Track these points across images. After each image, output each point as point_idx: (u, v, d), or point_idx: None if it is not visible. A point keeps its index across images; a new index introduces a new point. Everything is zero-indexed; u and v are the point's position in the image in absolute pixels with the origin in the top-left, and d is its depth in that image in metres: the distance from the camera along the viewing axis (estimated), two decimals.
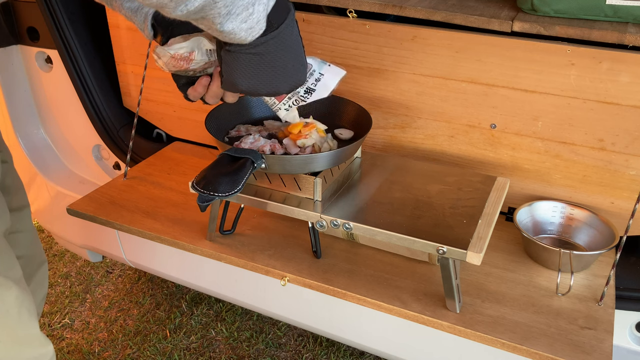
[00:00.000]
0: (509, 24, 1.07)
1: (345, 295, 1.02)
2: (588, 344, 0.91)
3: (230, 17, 0.64)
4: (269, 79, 0.76)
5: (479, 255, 0.88)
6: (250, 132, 1.10)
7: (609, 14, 1.04)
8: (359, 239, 1.14)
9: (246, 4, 0.64)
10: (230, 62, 0.74)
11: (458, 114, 1.19)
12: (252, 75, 0.75)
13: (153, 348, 1.87)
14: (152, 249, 1.55)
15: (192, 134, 1.55)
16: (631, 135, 1.05)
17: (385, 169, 1.14)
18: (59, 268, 2.29)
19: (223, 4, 0.61)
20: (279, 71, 0.76)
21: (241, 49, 0.72)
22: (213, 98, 0.88)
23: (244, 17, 0.65)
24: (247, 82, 0.76)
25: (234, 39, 0.68)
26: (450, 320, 0.96)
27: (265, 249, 1.12)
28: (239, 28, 0.66)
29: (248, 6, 0.64)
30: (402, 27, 1.17)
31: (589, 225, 1.13)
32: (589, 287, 1.03)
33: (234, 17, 0.64)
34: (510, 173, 1.20)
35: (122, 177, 1.37)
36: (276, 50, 0.73)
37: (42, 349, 0.99)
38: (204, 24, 0.66)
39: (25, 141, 1.77)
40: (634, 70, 1.01)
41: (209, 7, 0.61)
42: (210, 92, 0.87)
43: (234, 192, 0.90)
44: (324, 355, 1.83)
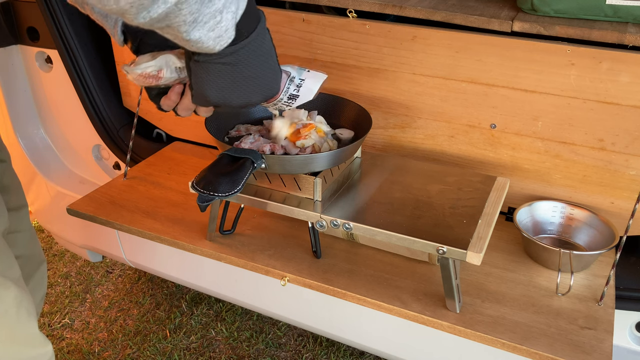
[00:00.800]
0: (509, 24, 1.07)
1: (345, 295, 1.02)
2: (588, 344, 0.91)
3: (196, 26, 0.61)
4: (241, 89, 0.74)
5: (479, 255, 0.88)
6: (250, 132, 1.10)
7: (609, 14, 1.04)
8: (359, 239, 1.14)
9: (213, 12, 0.61)
10: (200, 73, 0.72)
11: (458, 114, 1.19)
12: (223, 86, 0.73)
13: (153, 348, 1.87)
14: (152, 249, 1.55)
15: (192, 134, 1.55)
16: (631, 135, 1.05)
17: (385, 169, 1.14)
18: (59, 268, 2.29)
19: (188, 11, 0.58)
20: (250, 81, 0.74)
21: (210, 59, 0.69)
22: (185, 111, 0.86)
23: (211, 25, 0.62)
24: (218, 94, 0.74)
25: (201, 48, 0.66)
26: (450, 320, 0.96)
27: (265, 249, 1.12)
28: (206, 37, 0.63)
29: (215, 14, 0.61)
30: (402, 27, 1.17)
31: (589, 225, 1.13)
32: (589, 287, 1.03)
33: (201, 26, 0.61)
34: (510, 173, 1.20)
35: (122, 177, 1.37)
36: (247, 60, 0.71)
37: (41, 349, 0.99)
38: (169, 32, 0.62)
39: (25, 141, 1.77)
40: (634, 70, 1.01)
41: (173, 15, 0.58)
42: (182, 105, 0.85)
43: (234, 192, 0.90)
44: (324, 355, 1.83)
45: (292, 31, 1.28)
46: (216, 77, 0.72)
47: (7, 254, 0.95)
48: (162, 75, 0.81)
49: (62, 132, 1.76)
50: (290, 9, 1.33)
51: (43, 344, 0.99)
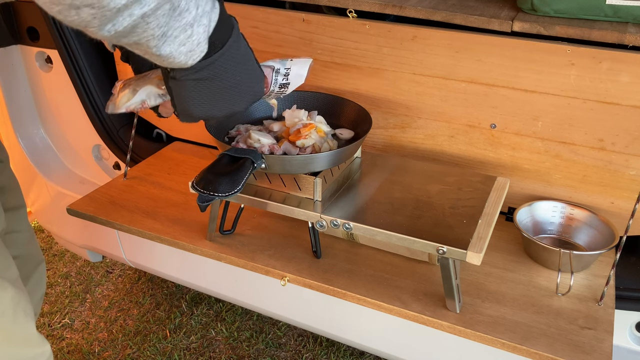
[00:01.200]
0: (509, 24, 1.07)
1: (345, 295, 1.02)
2: (588, 344, 0.91)
3: (167, 40, 0.59)
4: (223, 100, 0.72)
5: (479, 255, 0.88)
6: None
7: (609, 14, 1.04)
8: (359, 239, 1.14)
9: (184, 26, 0.59)
10: (179, 91, 0.70)
11: (458, 114, 1.19)
12: (205, 100, 0.71)
13: (153, 348, 1.87)
14: (152, 249, 1.55)
15: (192, 133, 1.55)
16: (631, 135, 1.05)
17: (385, 169, 1.14)
18: (59, 268, 2.29)
19: (156, 25, 0.56)
20: (231, 91, 0.72)
21: (186, 75, 0.68)
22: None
23: (182, 39, 0.60)
24: (201, 109, 0.72)
25: (173, 64, 0.64)
26: (450, 320, 0.96)
27: (265, 249, 1.12)
28: (177, 52, 0.61)
29: (186, 28, 0.59)
30: (402, 27, 1.17)
31: (589, 225, 1.13)
32: (589, 287, 1.03)
33: (171, 40, 0.59)
34: (510, 173, 1.20)
35: (122, 177, 1.37)
36: (225, 71, 0.69)
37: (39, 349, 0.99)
38: (139, 49, 0.60)
39: (25, 141, 1.77)
40: (634, 70, 1.01)
41: (140, 29, 0.55)
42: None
43: (234, 192, 0.90)
44: (324, 355, 1.83)
45: (292, 31, 1.28)
46: (196, 93, 0.70)
47: (4, 255, 0.95)
48: (146, 105, 0.82)
49: (62, 132, 1.76)
50: (290, 9, 1.33)
51: (41, 344, 0.99)
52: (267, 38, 1.31)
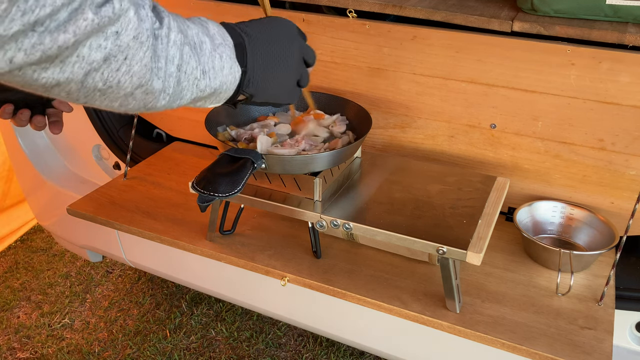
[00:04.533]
0: (509, 24, 1.07)
1: (345, 295, 1.02)
2: (588, 344, 0.91)
3: (211, 101, 0.67)
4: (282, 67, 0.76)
5: (479, 256, 0.88)
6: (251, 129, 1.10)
7: (609, 14, 1.04)
8: (359, 239, 1.14)
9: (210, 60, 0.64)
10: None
11: (458, 114, 1.19)
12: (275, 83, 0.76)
13: (153, 348, 1.87)
14: (152, 249, 1.55)
15: (192, 134, 1.55)
16: (631, 135, 1.05)
17: (385, 169, 1.14)
18: (59, 268, 2.29)
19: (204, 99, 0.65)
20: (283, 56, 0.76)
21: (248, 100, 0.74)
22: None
23: (213, 100, 0.68)
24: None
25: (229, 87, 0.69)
26: (450, 320, 0.96)
27: (265, 249, 1.12)
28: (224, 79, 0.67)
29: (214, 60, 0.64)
30: (402, 27, 1.16)
31: (589, 225, 1.13)
32: (589, 287, 1.03)
33: (213, 99, 0.67)
34: (510, 173, 1.20)
35: (122, 177, 1.37)
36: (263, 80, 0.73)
37: None
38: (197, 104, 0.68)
39: (25, 141, 1.77)
40: (634, 70, 1.01)
41: (197, 99, 0.64)
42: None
43: (234, 193, 0.90)
44: (324, 355, 1.83)
45: None
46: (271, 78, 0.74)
47: None
48: None
49: (62, 132, 1.76)
50: (290, 9, 1.33)
51: None
52: None
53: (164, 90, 0.58)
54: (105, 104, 0.55)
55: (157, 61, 0.55)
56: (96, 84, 0.51)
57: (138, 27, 0.52)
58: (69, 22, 0.45)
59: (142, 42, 0.53)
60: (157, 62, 0.55)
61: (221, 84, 0.66)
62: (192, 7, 1.36)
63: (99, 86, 0.51)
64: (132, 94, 0.55)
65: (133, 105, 0.57)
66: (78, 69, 0.49)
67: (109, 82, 0.52)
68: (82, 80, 0.50)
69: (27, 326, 2.00)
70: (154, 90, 0.57)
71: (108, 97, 0.54)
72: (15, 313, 2.06)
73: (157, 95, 0.58)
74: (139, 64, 0.53)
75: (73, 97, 0.52)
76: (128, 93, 0.55)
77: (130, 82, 0.54)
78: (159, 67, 0.56)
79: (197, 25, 0.64)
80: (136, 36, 0.52)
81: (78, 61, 0.48)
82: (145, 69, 0.54)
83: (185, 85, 0.61)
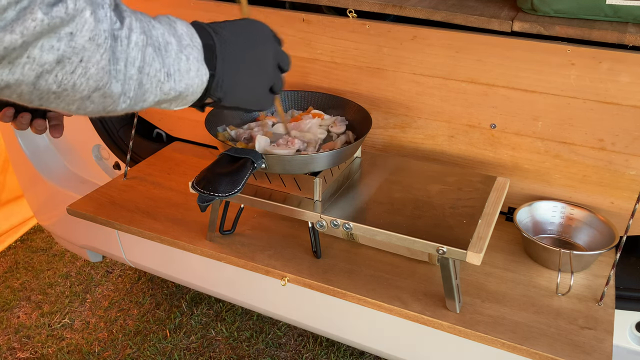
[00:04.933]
0: (509, 24, 1.07)
1: (345, 295, 1.02)
2: (588, 344, 0.91)
3: (177, 104, 0.64)
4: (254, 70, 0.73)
5: (479, 255, 0.88)
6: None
7: (609, 13, 1.04)
8: (359, 239, 1.14)
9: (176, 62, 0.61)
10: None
11: (458, 114, 1.19)
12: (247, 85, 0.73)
13: (153, 348, 1.87)
14: (152, 249, 1.55)
15: (192, 134, 1.55)
16: (631, 135, 1.05)
17: (385, 169, 1.14)
18: (59, 268, 2.29)
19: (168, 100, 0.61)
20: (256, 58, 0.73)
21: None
22: None
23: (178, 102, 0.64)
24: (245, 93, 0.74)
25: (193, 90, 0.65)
26: (450, 320, 0.96)
27: (265, 249, 1.12)
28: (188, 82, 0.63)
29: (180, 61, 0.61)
30: (402, 27, 1.16)
31: (589, 225, 1.13)
32: (589, 287, 1.03)
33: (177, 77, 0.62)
34: (510, 173, 1.20)
35: (122, 177, 1.37)
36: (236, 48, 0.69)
37: None
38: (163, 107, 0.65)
39: (25, 142, 1.77)
40: (634, 70, 1.00)
41: (161, 102, 0.61)
42: None
43: (234, 193, 0.90)
44: (324, 355, 1.83)
45: (292, 31, 1.28)
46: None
47: None
48: None
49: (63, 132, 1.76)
50: (290, 9, 1.33)
51: None
52: None
53: (124, 93, 0.56)
54: (61, 107, 0.53)
55: (115, 63, 0.53)
56: (50, 86, 0.49)
57: (94, 28, 0.49)
58: (16, 21, 0.44)
59: (99, 44, 0.50)
60: (116, 64, 0.53)
61: (187, 86, 0.63)
62: (192, 7, 1.36)
63: (53, 89, 0.50)
64: (89, 97, 0.53)
65: (92, 108, 0.55)
66: (29, 70, 0.47)
67: (64, 85, 0.50)
68: (33, 82, 0.48)
69: (27, 326, 2.00)
70: (112, 94, 0.54)
71: (64, 100, 0.52)
72: (15, 313, 2.06)
73: (116, 99, 0.55)
74: (96, 66, 0.51)
75: (25, 99, 0.50)
76: (85, 96, 0.52)
77: (87, 85, 0.51)
78: (118, 70, 0.53)
79: (163, 25, 0.61)
80: (92, 38, 0.49)
81: (28, 62, 0.46)
82: (102, 71, 0.52)
83: (148, 88, 0.58)
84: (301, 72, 1.31)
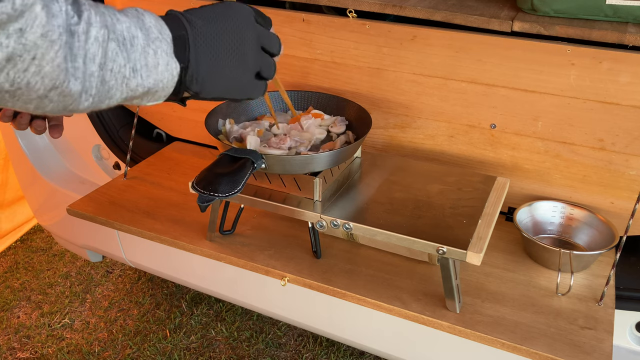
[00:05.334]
0: (509, 24, 1.07)
1: (345, 295, 1.02)
2: (588, 344, 0.91)
3: (148, 99, 0.61)
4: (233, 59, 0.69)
5: (478, 255, 0.88)
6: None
7: (609, 14, 1.04)
8: (359, 239, 1.14)
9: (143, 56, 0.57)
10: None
11: (458, 114, 1.19)
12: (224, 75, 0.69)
13: (153, 348, 1.87)
14: (152, 249, 1.55)
15: (192, 133, 1.55)
16: (631, 135, 1.05)
17: (385, 169, 1.14)
18: (59, 268, 2.29)
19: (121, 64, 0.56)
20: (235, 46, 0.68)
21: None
22: None
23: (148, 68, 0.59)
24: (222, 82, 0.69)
25: (162, 87, 0.61)
26: (450, 320, 0.96)
27: (265, 249, 1.12)
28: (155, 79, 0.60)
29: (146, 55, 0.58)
30: (402, 27, 1.16)
31: (589, 225, 1.13)
32: (589, 287, 1.03)
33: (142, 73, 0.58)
34: (510, 173, 1.20)
35: (122, 177, 1.37)
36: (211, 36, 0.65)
37: None
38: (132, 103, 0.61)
39: (25, 141, 1.77)
40: (634, 70, 1.01)
41: (130, 98, 0.58)
42: None
43: (234, 193, 0.90)
44: (324, 355, 1.83)
45: (292, 31, 1.28)
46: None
47: None
48: None
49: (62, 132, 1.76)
50: (290, 9, 1.33)
51: None
52: None
53: (85, 91, 0.53)
54: (18, 106, 0.51)
55: (73, 60, 0.50)
56: (2, 85, 0.47)
57: (47, 23, 0.47)
58: None
59: (53, 40, 0.48)
60: (74, 61, 0.50)
61: (156, 82, 0.59)
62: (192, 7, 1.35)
63: (6, 87, 0.47)
64: (46, 96, 0.50)
65: (51, 107, 0.52)
66: None
67: (17, 84, 0.47)
68: None
69: (27, 326, 2.00)
70: (72, 92, 0.51)
71: (20, 99, 0.50)
72: (15, 313, 2.06)
73: (77, 97, 0.52)
74: (51, 64, 0.48)
75: None
76: (42, 95, 0.50)
77: (42, 83, 0.49)
78: (76, 67, 0.51)
79: (130, 17, 0.57)
80: (45, 34, 0.47)
81: None
82: (58, 69, 0.49)
83: (112, 85, 0.55)
84: (301, 72, 1.31)
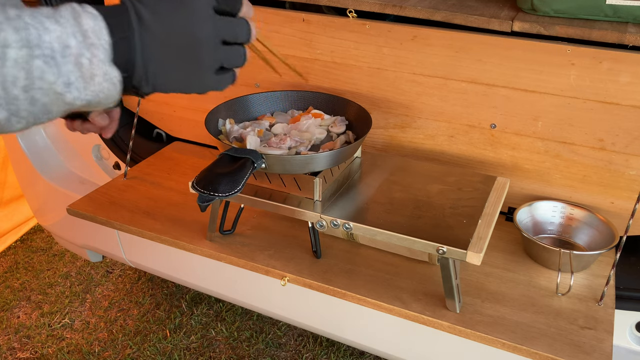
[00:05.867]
0: (509, 24, 1.07)
1: (345, 295, 1.02)
2: (588, 344, 0.91)
3: (94, 107, 0.56)
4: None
5: (479, 255, 0.88)
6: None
7: (609, 13, 1.04)
8: (359, 239, 1.14)
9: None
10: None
11: (458, 114, 1.19)
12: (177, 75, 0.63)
13: (153, 348, 1.87)
14: (152, 249, 1.55)
15: (192, 133, 1.55)
16: (631, 135, 1.05)
17: (385, 169, 1.14)
18: (59, 268, 2.29)
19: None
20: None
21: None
22: None
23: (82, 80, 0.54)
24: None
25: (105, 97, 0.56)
26: (450, 320, 0.96)
27: (265, 249, 1.12)
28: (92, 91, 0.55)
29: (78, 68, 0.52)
30: (402, 27, 1.17)
31: (589, 225, 1.13)
32: (589, 287, 1.03)
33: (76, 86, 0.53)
34: (510, 173, 1.20)
35: (122, 177, 1.37)
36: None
37: None
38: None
39: (25, 141, 1.77)
40: (634, 70, 1.01)
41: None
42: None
43: (234, 192, 0.90)
44: (324, 355, 1.83)
45: (292, 31, 1.28)
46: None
47: None
48: None
49: (62, 132, 1.76)
50: (290, 9, 1.33)
51: None
52: (267, 38, 1.31)
53: (14, 114, 0.49)
54: None
55: None
56: None
57: None
58: None
59: None
60: None
61: (95, 93, 0.54)
62: None
63: None
64: None
65: None
66: None
67: None
68: None
69: (27, 326, 2.00)
70: None
71: None
72: (15, 313, 2.06)
73: (4, 123, 0.49)
74: None
75: None
76: None
77: None
78: None
79: (63, 23, 0.52)
80: None
81: None
82: None
83: (45, 102, 0.51)
84: (301, 72, 1.31)
